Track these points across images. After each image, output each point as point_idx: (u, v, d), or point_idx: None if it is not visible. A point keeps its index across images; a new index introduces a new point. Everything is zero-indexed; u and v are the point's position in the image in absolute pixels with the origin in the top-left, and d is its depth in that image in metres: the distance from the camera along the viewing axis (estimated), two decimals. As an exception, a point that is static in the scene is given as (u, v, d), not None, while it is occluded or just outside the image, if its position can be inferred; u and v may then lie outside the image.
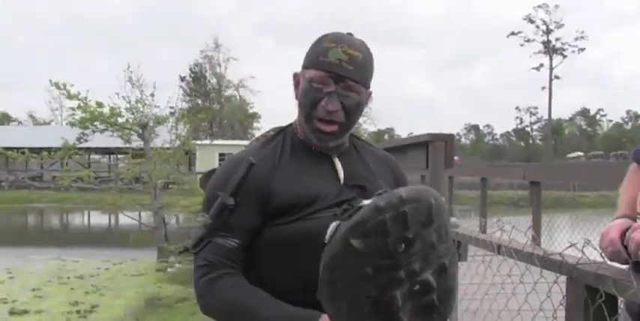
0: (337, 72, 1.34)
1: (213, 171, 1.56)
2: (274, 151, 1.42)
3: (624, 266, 1.46)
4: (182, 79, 41.45)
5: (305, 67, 1.40)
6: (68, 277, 10.22)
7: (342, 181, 1.42)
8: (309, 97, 1.37)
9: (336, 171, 1.43)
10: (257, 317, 1.27)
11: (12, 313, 7.64)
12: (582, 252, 1.65)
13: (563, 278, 1.68)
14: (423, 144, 3.63)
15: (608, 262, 1.52)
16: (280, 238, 1.34)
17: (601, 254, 1.55)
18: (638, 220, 1.53)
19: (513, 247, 2.14)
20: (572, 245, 1.66)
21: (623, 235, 1.44)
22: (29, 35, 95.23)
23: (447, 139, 3.37)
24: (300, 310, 1.26)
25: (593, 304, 1.54)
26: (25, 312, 7.68)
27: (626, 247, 1.41)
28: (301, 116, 1.42)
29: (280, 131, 1.48)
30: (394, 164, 1.62)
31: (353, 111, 1.38)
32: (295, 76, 1.44)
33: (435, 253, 1.18)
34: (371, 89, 1.44)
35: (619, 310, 1.51)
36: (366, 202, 1.39)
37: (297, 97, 1.43)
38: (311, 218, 1.34)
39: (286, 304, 1.28)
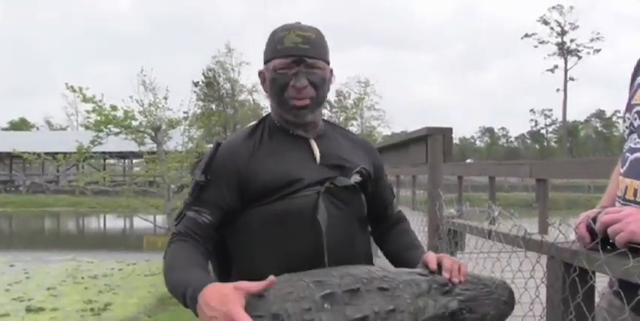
0: (296, 53, 1.43)
1: (200, 160, 1.67)
2: (254, 138, 1.50)
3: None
4: (195, 84, 41.64)
5: (267, 60, 1.49)
6: (82, 277, 10.42)
7: (318, 161, 1.50)
8: (277, 82, 1.45)
9: (312, 152, 1.51)
10: (168, 278, 1.34)
11: (28, 310, 7.82)
12: (559, 230, 1.73)
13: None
14: (423, 138, 3.70)
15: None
16: (267, 216, 1.42)
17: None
18: (616, 204, 1.58)
19: (501, 232, 2.26)
20: (551, 225, 1.74)
21: (591, 224, 1.48)
22: (46, 43, 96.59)
23: (445, 133, 3.41)
24: (195, 278, 1.26)
25: (569, 277, 1.63)
26: (41, 310, 7.86)
27: (590, 233, 1.47)
28: (274, 103, 1.50)
29: (261, 121, 1.57)
30: (375, 153, 1.69)
31: (320, 85, 1.47)
32: (261, 73, 1.53)
33: None
34: (332, 66, 1.52)
35: (590, 283, 1.58)
36: (346, 179, 1.49)
37: (266, 91, 1.51)
38: (296, 197, 1.43)
39: (194, 270, 1.31)
